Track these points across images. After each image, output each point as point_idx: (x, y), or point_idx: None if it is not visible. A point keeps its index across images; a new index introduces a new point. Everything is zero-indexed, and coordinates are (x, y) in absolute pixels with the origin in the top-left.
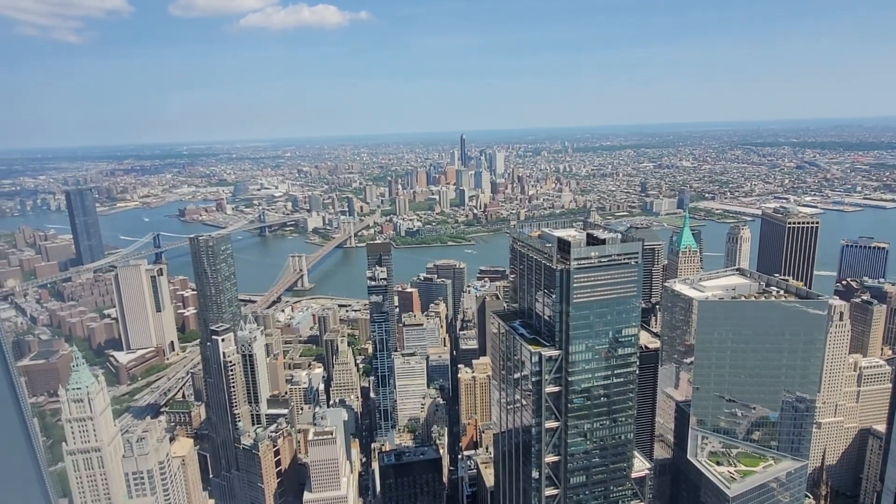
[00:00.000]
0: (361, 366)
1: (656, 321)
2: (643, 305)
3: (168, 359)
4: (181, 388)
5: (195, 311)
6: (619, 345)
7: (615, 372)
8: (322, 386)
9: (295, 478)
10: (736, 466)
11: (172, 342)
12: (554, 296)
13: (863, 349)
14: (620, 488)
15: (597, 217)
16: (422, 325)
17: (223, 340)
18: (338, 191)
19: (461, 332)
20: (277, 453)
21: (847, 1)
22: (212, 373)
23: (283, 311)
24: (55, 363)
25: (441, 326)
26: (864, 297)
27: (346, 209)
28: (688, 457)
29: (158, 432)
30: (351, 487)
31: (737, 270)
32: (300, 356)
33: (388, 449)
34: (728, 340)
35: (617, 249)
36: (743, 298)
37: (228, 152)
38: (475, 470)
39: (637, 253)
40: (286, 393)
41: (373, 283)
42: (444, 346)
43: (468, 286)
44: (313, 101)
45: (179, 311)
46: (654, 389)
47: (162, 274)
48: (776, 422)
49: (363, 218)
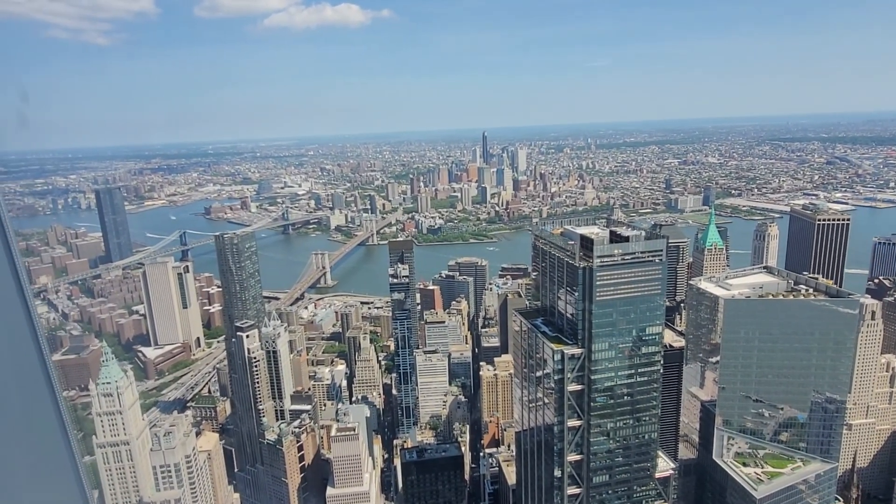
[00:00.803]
0: (384, 363)
1: (681, 319)
2: (667, 303)
3: (194, 354)
4: (207, 384)
5: (220, 308)
6: (643, 343)
7: (639, 371)
8: (345, 382)
9: (318, 473)
10: (763, 468)
11: (198, 338)
12: (577, 294)
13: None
14: (644, 488)
15: (620, 214)
16: (444, 323)
17: (248, 337)
18: (360, 189)
19: (483, 330)
20: (301, 448)
21: None
22: (237, 368)
23: (307, 308)
24: (86, 358)
25: (463, 324)
26: None
27: (369, 207)
28: (713, 457)
29: (185, 427)
30: (373, 483)
31: (764, 268)
32: (323, 353)
33: (410, 446)
34: (755, 339)
35: (641, 247)
36: (770, 297)
37: (253, 151)
38: (497, 468)
39: (661, 250)
40: (309, 389)
41: (395, 281)
42: (466, 344)
43: (490, 284)
44: (336, 100)
45: (205, 308)
46: (679, 389)
47: (188, 271)
48: (805, 423)
49: (385, 216)
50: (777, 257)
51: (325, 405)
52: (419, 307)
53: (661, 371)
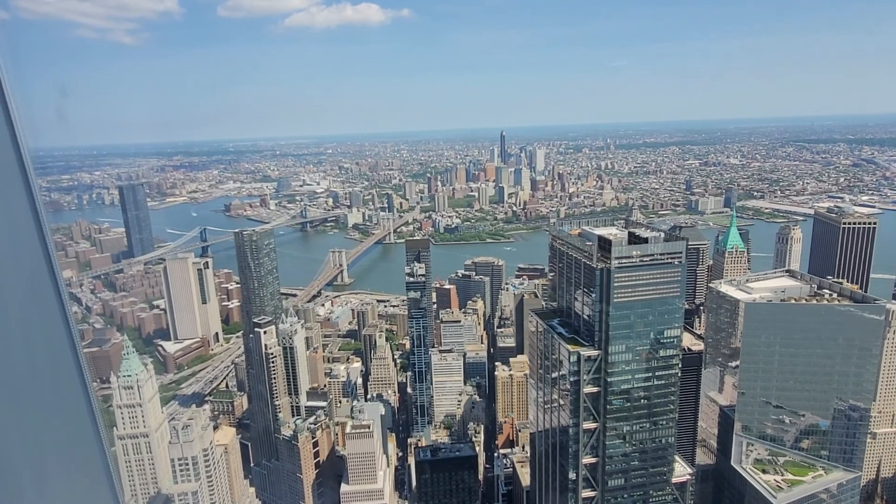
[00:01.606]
0: (399, 361)
1: (700, 323)
2: (686, 306)
3: (212, 349)
4: (225, 379)
5: (239, 304)
6: (661, 346)
7: (656, 374)
8: (360, 380)
9: (332, 469)
10: (783, 475)
11: (217, 333)
12: (594, 295)
13: None
14: (660, 493)
15: (639, 215)
16: (459, 322)
17: (265, 333)
18: (378, 187)
19: (499, 330)
20: (316, 445)
21: None
22: (254, 364)
23: (323, 306)
24: (108, 351)
25: (479, 324)
26: None
27: (386, 205)
28: (732, 463)
29: (203, 420)
30: (387, 481)
31: (786, 272)
32: (339, 350)
33: (425, 444)
34: (776, 344)
35: (660, 248)
36: (793, 301)
37: (272, 149)
38: (511, 468)
39: (681, 252)
40: (325, 386)
41: (411, 280)
42: (482, 344)
43: (506, 284)
44: (355, 98)
45: (224, 304)
46: (697, 393)
47: (208, 267)
48: (827, 430)
49: (402, 214)
50: (800, 261)
51: (341, 402)
52: (435, 306)
53: (679, 374)
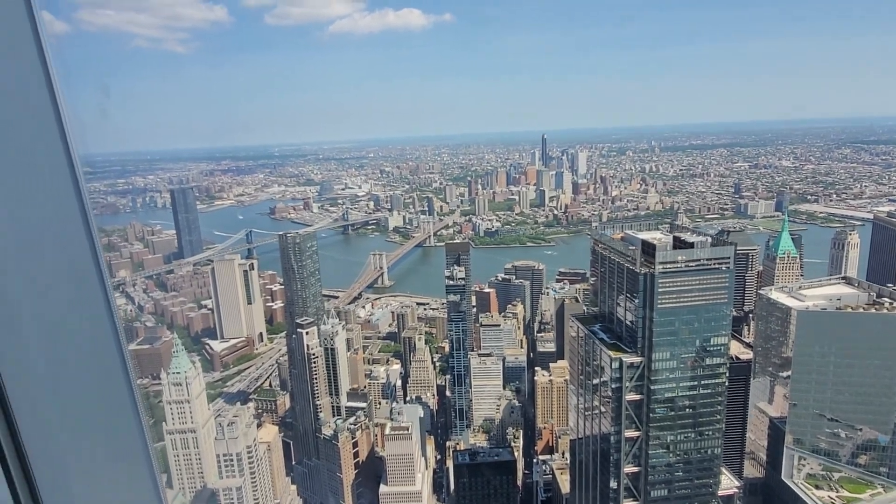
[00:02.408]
0: (438, 364)
1: (749, 331)
2: (735, 314)
3: (257, 349)
4: (268, 378)
5: (282, 305)
6: (707, 354)
7: (702, 382)
8: (399, 382)
9: (372, 470)
10: (838, 492)
11: (261, 333)
12: (637, 300)
13: None
14: None
15: (685, 219)
16: (499, 326)
17: (307, 333)
18: (418, 190)
19: (539, 335)
20: (356, 445)
21: None
22: (296, 364)
23: (364, 308)
24: (158, 348)
25: (518, 328)
26: None
27: (426, 209)
28: (782, 477)
29: (247, 418)
30: (425, 483)
31: (843, 279)
32: (379, 352)
33: (463, 448)
34: (831, 355)
35: (706, 254)
36: (850, 310)
37: (316, 153)
38: (550, 475)
39: (729, 258)
40: (365, 387)
41: (451, 283)
42: (521, 348)
43: (547, 288)
44: (397, 102)
45: (268, 304)
46: (745, 403)
47: (253, 269)
48: (887, 446)
49: (443, 217)
50: (857, 267)
51: (380, 403)
52: (474, 309)
53: (727, 384)
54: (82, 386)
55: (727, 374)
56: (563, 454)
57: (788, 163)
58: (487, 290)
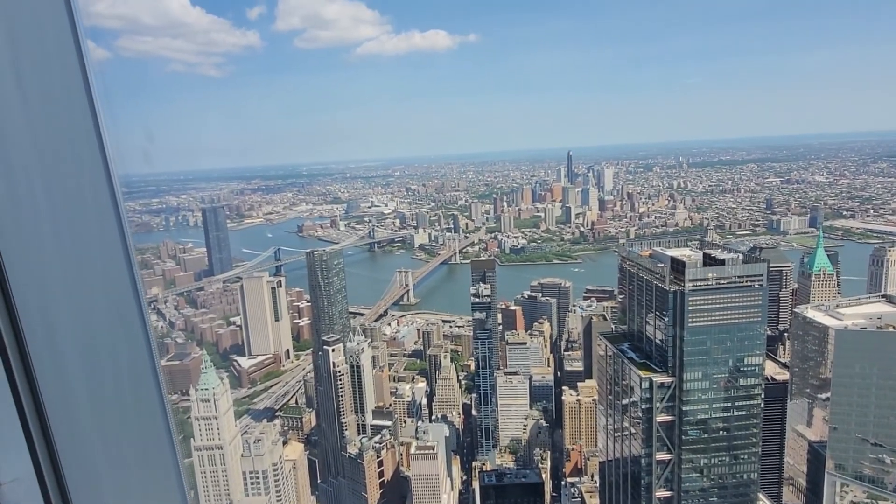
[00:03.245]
0: (464, 382)
1: (784, 350)
2: (769, 332)
3: (283, 366)
4: (294, 395)
5: (309, 322)
6: (741, 374)
7: (736, 404)
8: (425, 400)
9: (397, 489)
10: None
11: (288, 350)
12: (667, 319)
13: None
14: None
15: (715, 236)
16: (525, 344)
17: (333, 351)
18: (444, 208)
19: (566, 353)
20: (381, 464)
21: None
22: (322, 381)
23: (390, 325)
24: (188, 365)
25: (545, 346)
26: None
27: (452, 226)
28: None
29: (273, 435)
30: None
31: (883, 297)
32: (404, 370)
33: (489, 469)
34: (873, 376)
35: (738, 271)
36: (891, 329)
37: (343, 172)
38: (579, 498)
39: (762, 275)
40: (390, 405)
41: (477, 300)
42: (548, 367)
43: (574, 306)
44: (423, 121)
45: (295, 321)
46: (783, 426)
47: (281, 286)
48: None
49: (468, 235)
50: None
51: (406, 422)
52: (500, 327)
53: (762, 405)
54: (117, 400)
55: (762, 396)
56: (592, 476)
57: (822, 178)
58: (513, 308)
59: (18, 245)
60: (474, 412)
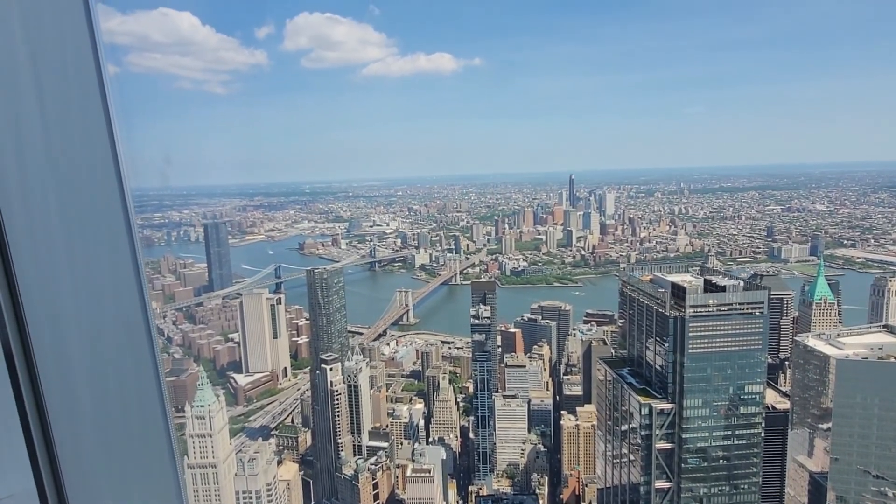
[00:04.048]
0: (462, 404)
1: (785, 379)
2: (769, 360)
3: (281, 384)
4: (291, 414)
5: (307, 340)
6: (742, 402)
7: (736, 432)
8: (422, 422)
9: None
10: None
11: (285, 368)
12: (667, 344)
13: None
14: None
15: (716, 262)
16: (524, 367)
17: (331, 370)
18: (445, 229)
19: (565, 377)
20: (376, 486)
21: None
22: (319, 400)
23: (388, 345)
24: (185, 381)
25: (544, 369)
26: None
27: (453, 247)
28: None
29: (268, 455)
30: None
31: (884, 327)
32: (402, 390)
33: (486, 494)
34: (874, 407)
35: (739, 298)
36: (892, 359)
37: (345, 190)
38: None
39: (762, 302)
40: (387, 426)
41: (476, 322)
42: (547, 391)
43: (574, 329)
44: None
45: (293, 339)
46: (783, 455)
47: (280, 303)
48: None
49: (469, 256)
50: None
51: (402, 444)
52: (500, 350)
53: (763, 434)
54: (122, 417)
55: (763, 425)
56: (590, 503)
57: (823, 206)
58: (513, 330)
59: (31, 256)
60: (472, 435)
